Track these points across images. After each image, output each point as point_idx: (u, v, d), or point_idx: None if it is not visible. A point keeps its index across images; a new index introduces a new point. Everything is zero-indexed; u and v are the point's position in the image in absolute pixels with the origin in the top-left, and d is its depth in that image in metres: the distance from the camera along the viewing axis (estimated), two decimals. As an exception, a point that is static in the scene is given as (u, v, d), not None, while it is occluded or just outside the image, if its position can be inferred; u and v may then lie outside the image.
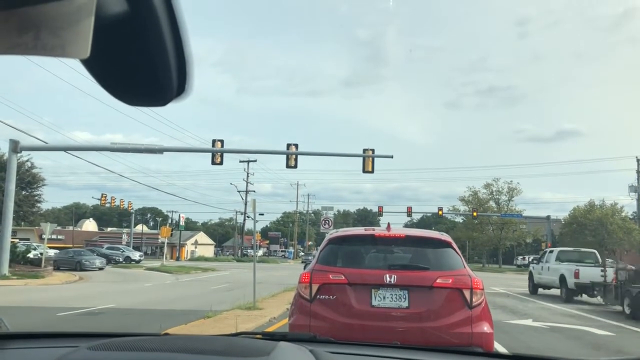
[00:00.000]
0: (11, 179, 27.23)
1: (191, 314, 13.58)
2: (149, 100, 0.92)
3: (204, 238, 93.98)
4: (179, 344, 1.69)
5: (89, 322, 12.73)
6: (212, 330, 10.53)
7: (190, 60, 0.86)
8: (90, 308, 15.24)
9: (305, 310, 5.88)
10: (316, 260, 6.30)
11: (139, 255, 54.65)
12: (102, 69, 0.83)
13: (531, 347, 10.39)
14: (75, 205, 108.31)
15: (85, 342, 1.75)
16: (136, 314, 14.40)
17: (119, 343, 1.61)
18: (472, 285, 5.81)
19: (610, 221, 55.81)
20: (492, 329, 5.93)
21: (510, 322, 13.93)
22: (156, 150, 28.71)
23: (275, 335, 2.42)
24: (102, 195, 57.97)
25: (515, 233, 66.85)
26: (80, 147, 32.83)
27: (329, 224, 31.93)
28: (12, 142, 27.63)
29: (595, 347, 10.90)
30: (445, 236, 6.58)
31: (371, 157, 29.68)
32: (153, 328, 10.93)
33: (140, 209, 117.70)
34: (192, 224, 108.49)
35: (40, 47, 0.73)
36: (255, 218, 17.12)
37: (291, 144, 29.48)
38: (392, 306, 5.78)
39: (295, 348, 1.80)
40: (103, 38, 0.76)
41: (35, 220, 46.32)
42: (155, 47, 0.80)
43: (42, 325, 11.76)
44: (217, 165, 29.53)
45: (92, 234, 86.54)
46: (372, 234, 6.70)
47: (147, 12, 0.76)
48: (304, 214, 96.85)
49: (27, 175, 41.48)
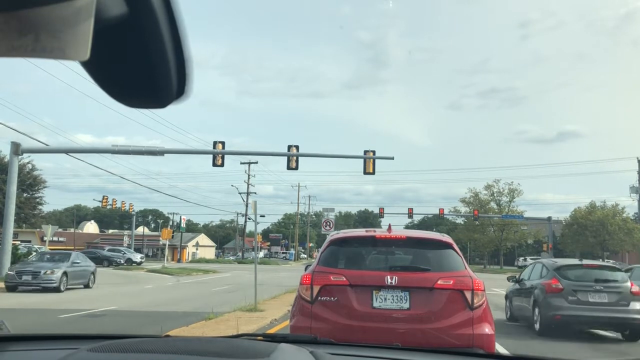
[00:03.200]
0: (12, 181, 27.25)
1: (192, 315, 13.58)
2: (148, 102, 0.92)
3: (205, 240, 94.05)
4: (180, 345, 1.69)
5: (90, 324, 12.73)
6: (213, 332, 10.53)
7: (190, 62, 0.86)
8: (92, 310, 15.23)
9: (307, 312, 5.88)
10: (317, 261, 6.30)
11: (140, 257, 54.64)
12: (101, 71, 0.83)
13: (532, 348, 10.38)
14: (76, 208, 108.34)
15: (86, 344, 1.75)
16: (137, 316, 14.39)
17: (120, 345, 1.61)
18: (473, 286, 5.81)
19: (612, 222, 55.74)
20: (494, 330, 5.92)
21: (511, 323, 13.91)
22: (157, 152, 28.73)
23: (276, 336, 2.42)
24: (103, 197, 58.00)
25: (516, 234, 66.80)
26: (81, 149, 32.84)
27: (330, 226, 31.89)
28: (14, 145, 27.65)
29: (597, 347, 10.89)
30: (446, 237, 6.58)
31: (372, 158, 29.70)
32: (154, 330, 10.92)
33: (142, 211, 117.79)
34: (193, 226, 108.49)
35: (40, 49, 0.73)
36: (256, 220, 17.12)
37: (292, 145, 29.50)
38: (393, 307, 5.78)
39: (296, 350, 1.80)
40: (102, 40, 0.76)
41: (36, 223, 46.39)
42: (155, 49, 0.80)
43: (43, 328, 11.76)
44: (218, 167, 29.58)
45: (93, 236, 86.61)
46: (373, 236, 6.69)
47: (146, 14, 0.76)
48: (305, 216, 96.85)
49: (29, 177, 41.55)
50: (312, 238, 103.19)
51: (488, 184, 67.23)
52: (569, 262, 13.47)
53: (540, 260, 14.88)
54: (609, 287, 11.85)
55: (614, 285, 11.92)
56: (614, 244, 57.38)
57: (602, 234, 55.97)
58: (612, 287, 11.86)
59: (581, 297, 11.73)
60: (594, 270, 12.65)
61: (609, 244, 57.44)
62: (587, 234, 56.61)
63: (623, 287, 11.88)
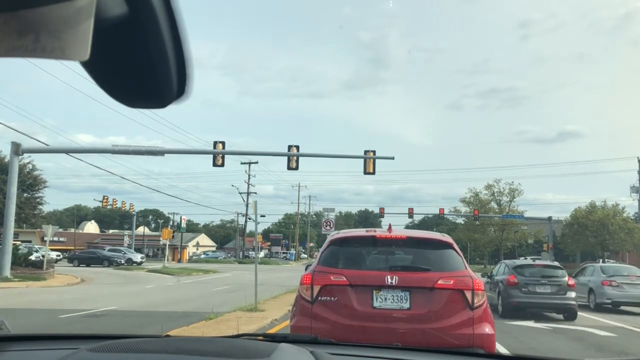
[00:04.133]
0: (13, 182, 27.25)
1: (193, 315, 13.59)
2: (148, 102, 0.92)
3: (205, 240, 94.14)
4: (181, 345, 1.69)
5: (90, 324, 12.73)
6: (213, 332, 10.54)
7: (190, 62, 0.86)
8: (92, 310, 15.24)
9: (307, 312, 5.88)
10: (317, 261, 6.30)
11: (140, 257, 54.64)
12: (101, 71, 0.83)
13: (533, 348, 10.38)
14: (76, 208, 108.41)
15: (86, 344, 1.75)
16: (138, 316, 14.40)
17: (120, 345, 1.61)
18: (474, 286, 5.81)
19: (612, 222, 55.69)
20: (494, 330, 5.92)
21: (511, 323, 13.92)
22: (157, 152, 28.71)
23: (276, 336, 2.42)
24: (103, 197, 57.94)
25: (516, 234, 66.76)
26: (81, 149, 32.82)
27: (330, 226, 31.86)
28: (14, 145, 27.64)
29: (597, 348, 10.88)
30: (447, 237, 6.58)
31: (372, 158, 29.68)
32: (154, 330, 10.93)
33: (142, 211, 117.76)
34: (193, 226, 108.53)
35: (40, 49, 0.73)
36: (256, 220, 17.11)
37: (292, 145, 29.48)
38: (394, 307, 5.77)
39: (296, 349, 1.80)
40: (102, 40, 0.76)
41: (36, 223, 46.29)
42: (155, 49, 0.80)
43: (43, 328, 11.76)
44: (218, 167, 29.54)
45: (93, 236, 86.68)
46: (374, 235, 6.69)
47: (146, 14, 0.76)
48: (305, 216, 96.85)
49: (29, 177, 41.47)
50: (313, 238, 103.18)
51: (488, 184, 67.22)
52: (524, 263, 18.66)
53: (504, 261, 19.63)
54: (551, 281, 15.82)
55: (556, 280, 15.88)
56: (614, 243, 57.29)
57: (602, 234, 55.88)
58: (554, 281, 15.82)
59: (531, 288, 15.66)
60: (542, 268, 16.85)
61: (610, 244, 57.35)
62: (587, 233, 56.52)
63: (562, 281, 15.84)
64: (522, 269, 16.44)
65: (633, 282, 18.52)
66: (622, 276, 18.86)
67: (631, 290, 18.24)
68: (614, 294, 18.19)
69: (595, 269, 20.35)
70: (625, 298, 18.18)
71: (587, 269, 21.00)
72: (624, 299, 18.16)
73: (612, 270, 19.86)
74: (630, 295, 18.17)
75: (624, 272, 19.64)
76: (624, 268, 21.03)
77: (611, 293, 18.21)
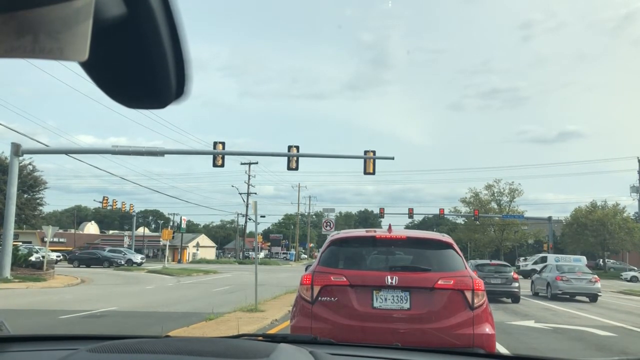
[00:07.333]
0: (13, 182, 27.25)
1: (193, 316, 13.59)
2: (147, 103, 0.92)
3: (205, 240, 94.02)
4: (180, 346, 1.69)
5: (90, 325, 12.73)
6: (213, 332, 10.53)
7: (189, 63, 0.86)
8: (92, 311, 15.23)
9: (307, 312, 5.87)
10: (317, 261, 6.30)
11: (140, 257, 54.60)
12: (100, 72, 0.83)
13: (533, 348, 10.38)
14: (77, 208, 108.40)
15: (86, 345, 1.75)
16: (138, 316, 14.39)
17: (120, 345, 1.61)
18: (474, 286, 5.80)
19: (612, 222, 55.72)
20: (494, 330, 5.91)
21: (512, 323, 13.92)
22: (157, 152, 28.70)
23: (276, 337, 2.42)
24: (103, 198, 57.97)
25: (516, 234, 66.81)
26: (81, 150, 32.79)
27: (330, 226, 31.83)
28: (14, 145, 27.64)
29: (598, 348, 10.88)
30: (447, 237, 6.57)
31: (372, 158, 29.69)
32: (154, 330, 10.93)
33: (142, 212, 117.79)
34: (193, 227, 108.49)
35: (38, 50, 0.73)
36: (256, 220, 17.10)
37: (292, 145, 29.48)
38: (394, 307, 5.77)
39: (296, 350, 1.80)
40: (101, 41, 0.76)
41: (37, 224, 46.29)
42: (154, 50, 0.80)
43: (43, 328, 11.76)
44: (218, 167, 29.53)
45: (93, 237, 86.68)
46: (374, 236, 6.69)
47: (145, 15, 0.76)
48: (305, 216, 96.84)
49: (29, 178, 41.49)
50: (313, 238, 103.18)
51: (488, 184, 67.32)
52: (483, 262, 25.54)
53: (470, 261, 23.73)
54: (501, 275, 21.77)
55: (504, 274, 21.84)
56: (614, 243, 57.34)
57: (602, 234, 55.92)
58: (503, 275, 21.78)
59: (487, 280, 18.82)
60: (496, 266, 23.04)
61: (610, 244, 57.40)
62: (587, 233, 56.55)
63: (509, 275, 21.82)
64: (482, 266, 22.60)
65: (579, 277, 23.89)
66: (572, 273, 24.32)
67: (577, 283, 23.60)
68: (564, 286, 23.55)
69: (552, 267, 25.94)
70: (573, 289, 23.53)
71: (547, 267, 26.93)
72: (572, 290, 23.51)
73: (566, 269, 25.26)
74: (577, 287, 23.51)
75: (575, 269, 25.17)
76: (574, 266, 26.52)
77: (562, 286, 23.59)
